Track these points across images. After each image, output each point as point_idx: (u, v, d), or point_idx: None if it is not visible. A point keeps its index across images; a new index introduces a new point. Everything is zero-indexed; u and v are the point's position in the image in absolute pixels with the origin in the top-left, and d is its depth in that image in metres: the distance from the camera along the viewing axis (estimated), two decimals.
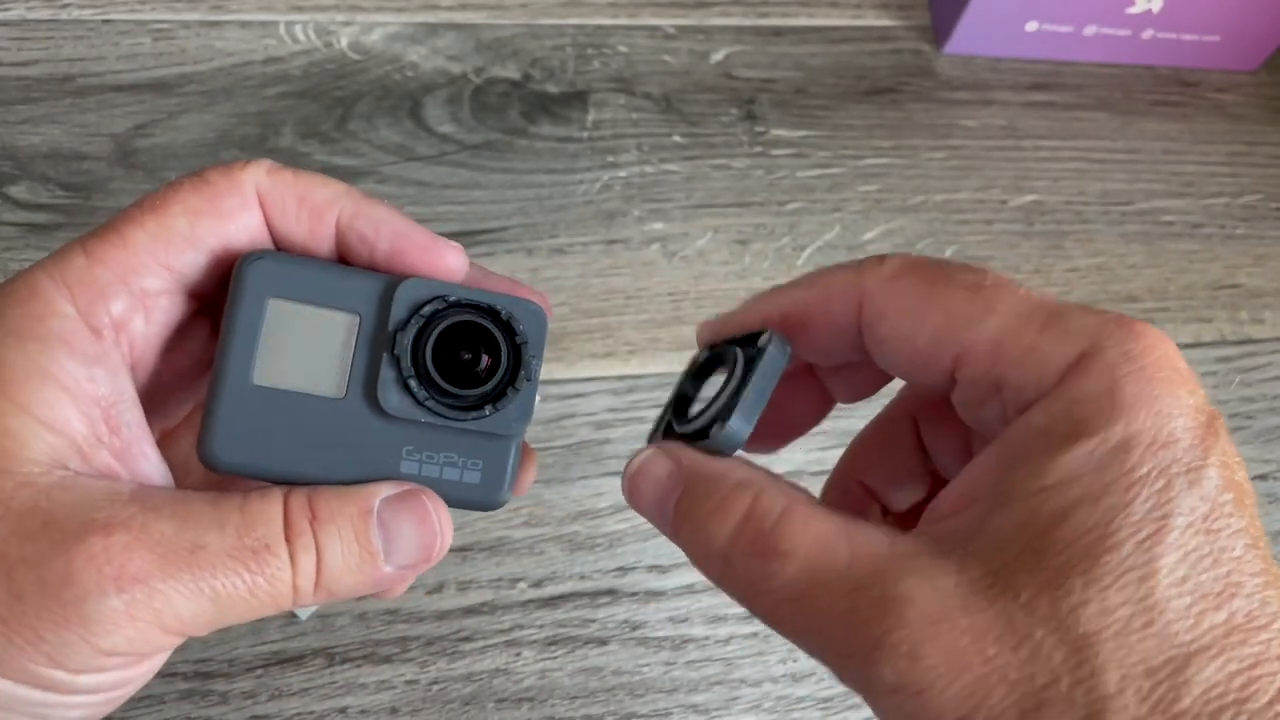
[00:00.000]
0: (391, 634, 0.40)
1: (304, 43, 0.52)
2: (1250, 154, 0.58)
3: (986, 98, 0.57)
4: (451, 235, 0.50)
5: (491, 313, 0.25)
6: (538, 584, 0.42)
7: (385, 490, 0.24)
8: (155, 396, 0.26)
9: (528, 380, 0.25)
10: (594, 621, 0.41)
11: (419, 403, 0.24)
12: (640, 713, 0.40)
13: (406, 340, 0.24)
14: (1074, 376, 0.21)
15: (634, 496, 0.26)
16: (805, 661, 0.41)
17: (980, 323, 0.23)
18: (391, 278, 0.25)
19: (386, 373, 0.24)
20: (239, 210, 0.25)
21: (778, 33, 0.57)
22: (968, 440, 0.27)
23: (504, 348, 0.25)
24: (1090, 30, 0.57)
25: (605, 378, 0.46)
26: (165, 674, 0.38)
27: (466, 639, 0.40)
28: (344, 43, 0.52)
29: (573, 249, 0.49)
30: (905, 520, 0.30)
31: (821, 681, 0.41)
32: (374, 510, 0.24)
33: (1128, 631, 0.19)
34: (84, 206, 0.46)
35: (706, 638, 0.42)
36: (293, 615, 0.40)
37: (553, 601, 0.41)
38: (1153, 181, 0.56)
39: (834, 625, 0.21)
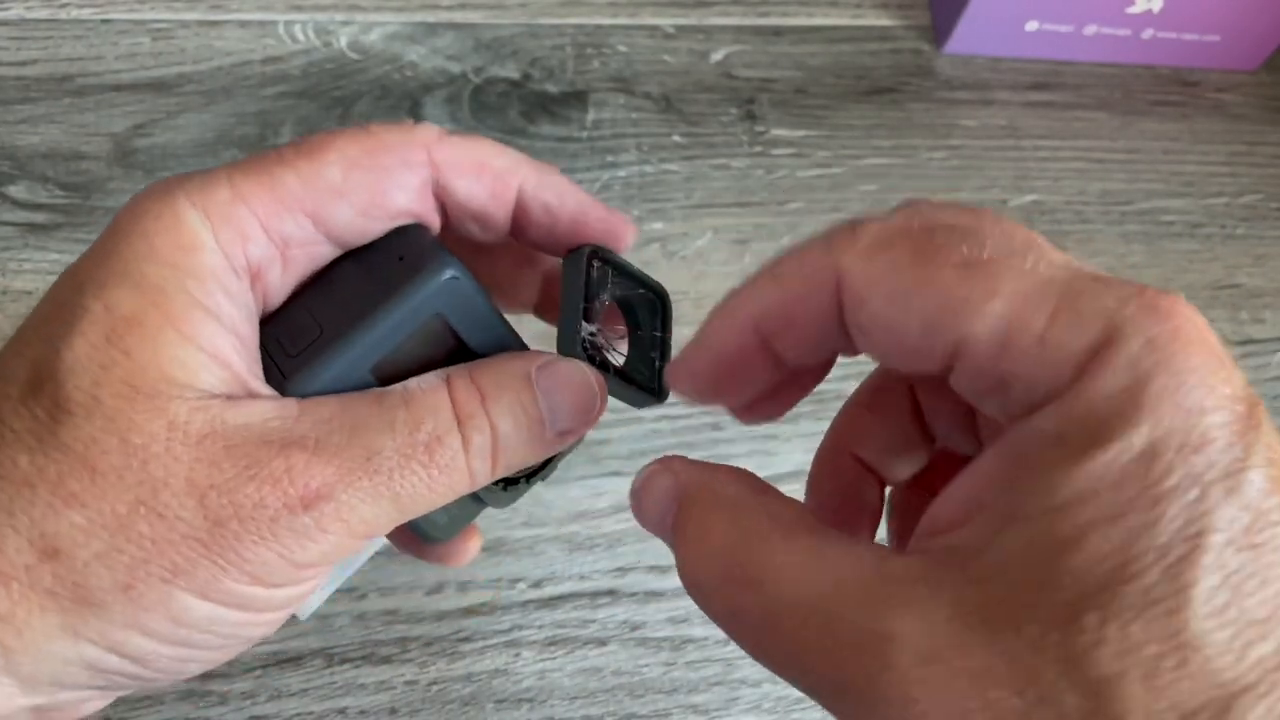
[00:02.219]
0: (391, 634, 0.40)
1: (303, 42, 0.52)
2: (1250, 154, 0.58)
3: (986, 97, 0.57)
4: None
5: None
6: (537, 584, 0.42)
7: (536, 360, 0.25)
8: None
9: (537, 479, 0.29)
10: (593, 622, 0.41)
11: None
12: (640, 713, 0.40)
13: None
14: (1092, 372, 0.18)
15: (639, 515, 0.24)
16: None
17: (981, 308, 0.19)
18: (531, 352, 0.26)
19: None
20: (400, 168, 0.24)
21: (777, 32, 0.57)
22: (971, 409, 0.24)
23: None
24: (1090, 30, 0.57)
25: None
26: None
27: (466, 639, 0.40)
28: (343, 42, 0.52)
29: None
30: (908, 495, 0.28)
31: None
32: (533, 376, 0.24)
33: (1156, 673, 0.16)
34: (83, 206, 0.46)
35: (706, 638, 0.42)
36: (293, 615, 0.40)
37: (552, 602, 0.41)
38: (1153, 181, 0.56)
39: (814, 661, 0.19)
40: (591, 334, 0.26)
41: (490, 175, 0.25)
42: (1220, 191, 0.56)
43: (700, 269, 0.49)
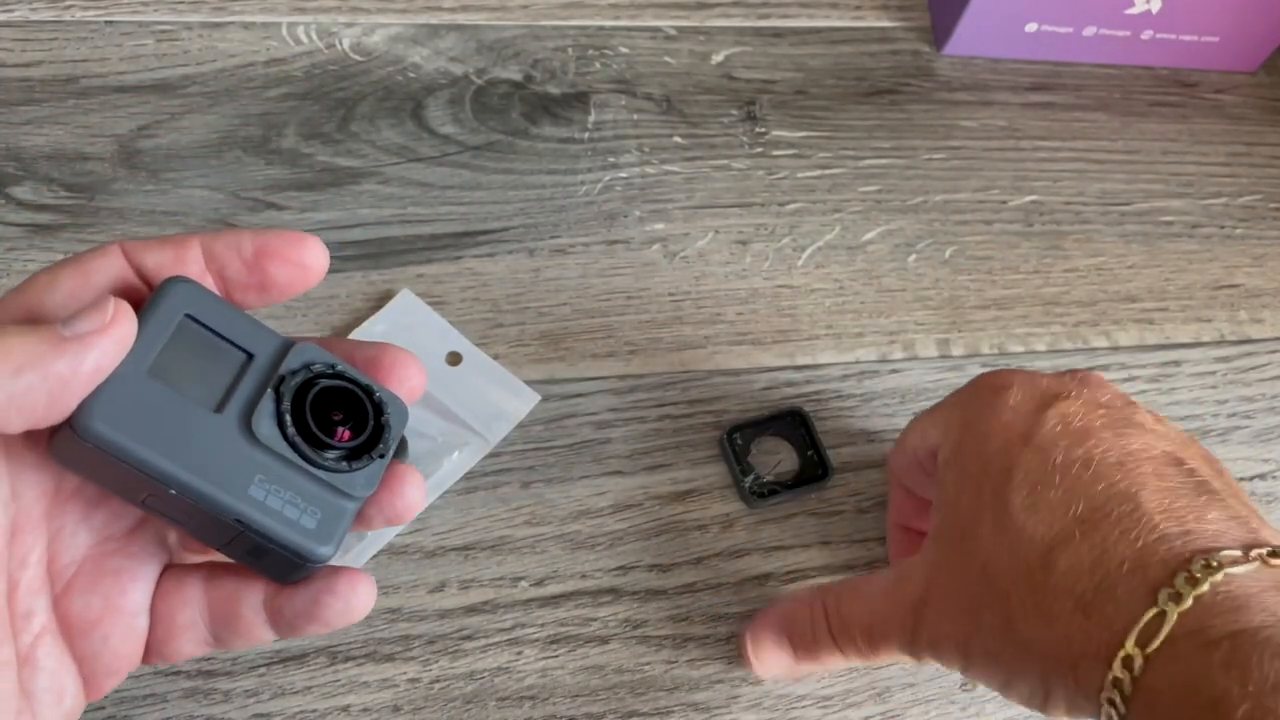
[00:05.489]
0: (394, 633, 0.40)
1: (306, 44, 0.52)
2: (1249, 154, 0.58)
3: (986, 99, 0.57)
4: (453, 236, 0.50)
5: (367, 391, 0.28)
6: (539, 583, 0.42)
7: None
8: None
9: (381, 456, 0.28)
10: (595, 620, 0.42)
11: (285, 437, 0.27)
12: (641, 710, 0.40)
13: (292, 384, 0.27)
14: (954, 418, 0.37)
15: (758, 667, 0.39)
16: None
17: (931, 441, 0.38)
18: (288, 339, 0.28)
19: (266, 405, 0.27)
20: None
21: (778, 34, 0.57)
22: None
23: (370, 422, 0.28)
24: (1089, 31, 0.57)
25: (606, 377, 0.46)
26: (168, 672, 0.39)
27: (468, 638, 0.41)
28: (346, 44, 0.52)
29: (574, 249, 0.49)
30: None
31: (821, 680, 0.42)
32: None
33: (998, 554, 0.32)
34: (87, 207, 0.46)
35: (707, 636, 0.42)
36: None
37: (554, 600, 0.42)
38: (1152, 182, 0.56)
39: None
40: (754, 483, 0.44)
41: (171, 249, 0.28)
42: (1219, 192, 0.56)
43: (701, 269, 0.49)
